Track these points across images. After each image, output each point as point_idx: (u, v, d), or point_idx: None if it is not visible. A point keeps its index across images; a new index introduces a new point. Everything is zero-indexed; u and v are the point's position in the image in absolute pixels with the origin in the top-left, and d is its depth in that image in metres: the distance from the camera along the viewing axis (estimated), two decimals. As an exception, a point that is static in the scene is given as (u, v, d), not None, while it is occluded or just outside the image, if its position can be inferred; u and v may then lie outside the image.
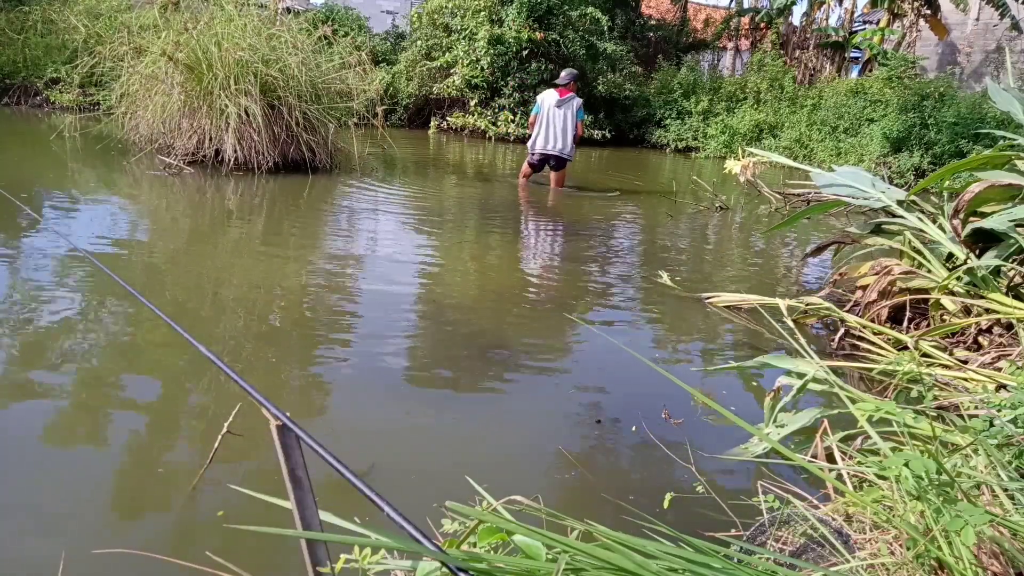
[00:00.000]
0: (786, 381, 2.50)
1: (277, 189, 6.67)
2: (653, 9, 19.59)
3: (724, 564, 1.04)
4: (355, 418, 2.51)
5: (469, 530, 1.14)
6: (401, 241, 5.28)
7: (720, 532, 1.78)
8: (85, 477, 2.02)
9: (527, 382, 2.91)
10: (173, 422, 2.39)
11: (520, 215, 6.79)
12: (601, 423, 2.58)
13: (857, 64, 17.79)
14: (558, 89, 7.43)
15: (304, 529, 0.99)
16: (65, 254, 4.00)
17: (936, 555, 1.25)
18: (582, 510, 1.61)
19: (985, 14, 15.65)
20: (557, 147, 7.40)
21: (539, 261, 5.14)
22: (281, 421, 0.94)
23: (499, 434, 2.48)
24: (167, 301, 3.46)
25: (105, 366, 2.75)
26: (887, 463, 1.37)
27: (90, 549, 1.66)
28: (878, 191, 3.93)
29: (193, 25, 7.03)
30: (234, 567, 1.42)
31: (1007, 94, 4.06)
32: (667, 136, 14.00)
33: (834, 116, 12.59)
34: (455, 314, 3.63)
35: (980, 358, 2.80)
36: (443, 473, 2.14)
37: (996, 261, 3.24)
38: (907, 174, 10.67)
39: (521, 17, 12.47)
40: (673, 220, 6.88)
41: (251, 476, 2.06)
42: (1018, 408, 1.76)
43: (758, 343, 3.45)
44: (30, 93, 11.30)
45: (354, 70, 7.95)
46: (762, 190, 7.01)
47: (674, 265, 5.01)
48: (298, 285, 3.90)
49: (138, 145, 7.32)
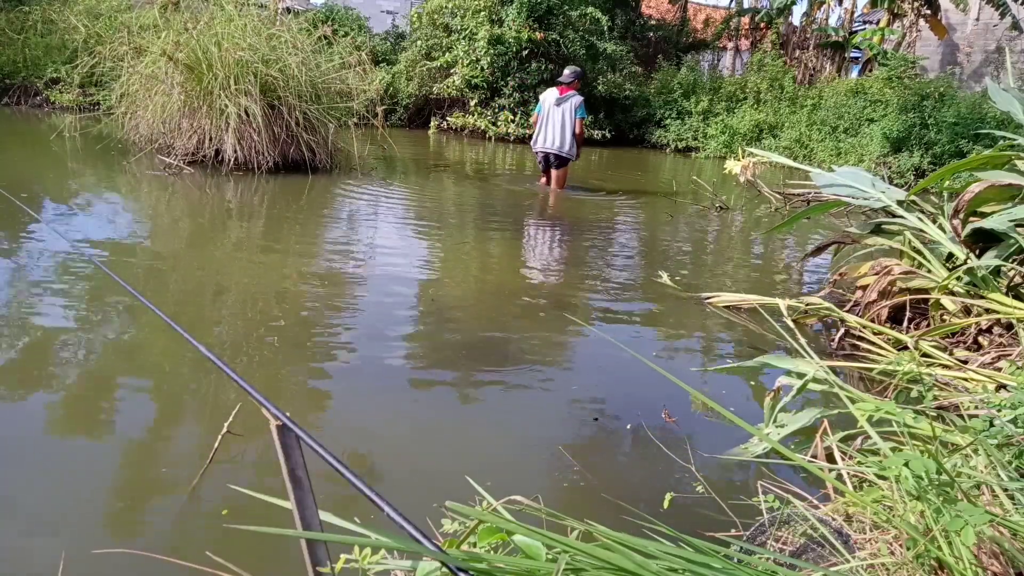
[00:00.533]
0: (786, 381, 2.51)
1: (277, 189, 6.67)
2: (653, 9, 19.59)
3: (724, 564, 1.04)
4: (355, 418, 2.51)
5: (469, 530, 1.14)
6: (401, 241, 5.28)
7: (720, 532, 1.78)
8: (85, 477, 2.02)
9: (527, 382, 2.90)
10: (173, 422, 2.39)
11: (520, 215, 6.79)
12: (598, 420, 2.58)
13: (857, 64, 17.78)
14: (559, 87, 7.41)
15: (304, 529, 0.99)
16: (65, 254, 4.00)
17: (936, 555, 1.25)
18: (582, 510, 1.61)
19: (985, 14, 15.65)
20: (555, 145, 7.35)
21: (539, 261, 5.14)
22: (281, 421, 0.94)
23: (499, 434, 2.48)
24: (167, 301, 3.46)
25: (105, 366, 2.75)
26: (887, 463, 1.37)
27: (90, 549, 1.66)
28: (878, 191, 3.93)
29: (193, 25, 7.03)
30: (234, 567, 1.42)
31: (1007, 94, 4.06)
32: (667, 136, 14.00)
33: (834, 116, 12.59)
34: (455, 314, 3.63)
35: (980, 358, 2.80)
36: (443, 473, 2.14)
37: (996, 261, 3.24)
38: (907, 174, 10.67)
39: (521, 17, 12.47)
40: (673, 220, 6.88)
41: (251, 476, 2.06)
42: (1018, 408, 1.76)
43: (758, 343, 3.45)
44: (30, 93, 11.30)
45: (354, 70, 7.95)
46: (762, 190, 7.00)
47: (674, 265, 5.01)
48: (298, 285, 3.90)
49: (138, 145, 7.32)
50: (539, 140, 7.44)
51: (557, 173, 7.57)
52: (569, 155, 7.45)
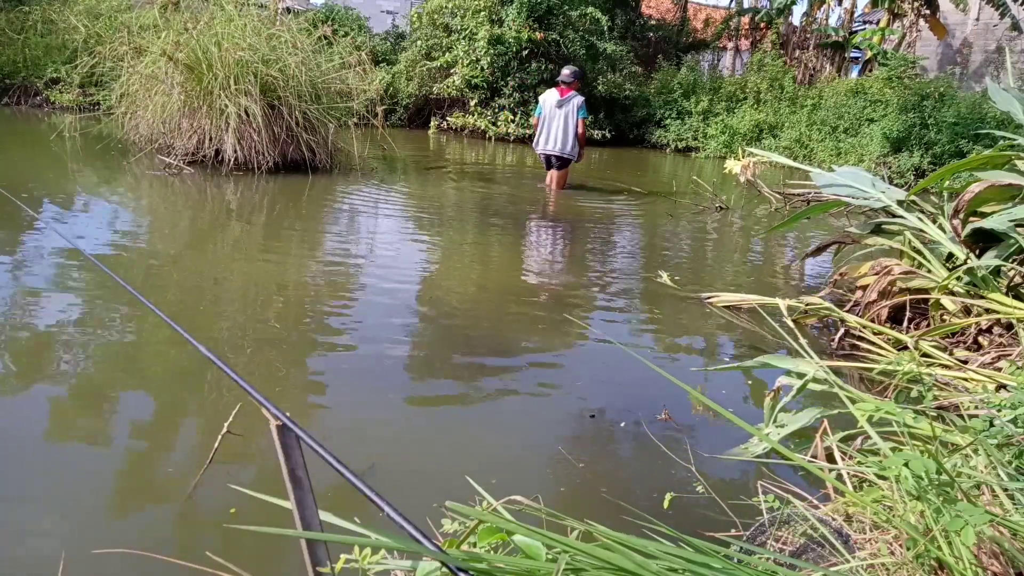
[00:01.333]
0: (786, 381, 2.51)
1: (277, 189, 6.67)
2: (653, 9, 19.58)
3: (724, 564, 1.04)
4: (355, 418, 2.51)
5: (469, 530, 1.14)
6: (401, 241, 5.28)
7: (720, 532, 1.78)
8: (85, 477, 2.02)
9: (527, 382, 2.90)
10: (173, 422, 2.39)
11: (520, 215, 6.79)
12: (595, 418, 2.58)
13: (857, 64, 17.78)
14: (559, 88, 7.41)
15: (304, 529, 0.99)
16: (65, 254, 4.00)
17: (936, 555, 1.25)
18: (582, 510, 1.61)
19: (985, 14, 15.64)
20: (557, 147, 7.38)
21: (539, 261, 5.14)
22: (281, 421, 0.94)
23: (499, 434, 2.48)
24: (167, 301, 3.46)
25: (105, 366, 2.75)
26: (887, 463, 1.37)
27: (90, 549, 1.66)
28: (878, 191, 3.93)
29: (193, 25, 7.03)
30: (234, 567, 1.42)
31: (1007, 94, 4.06)
32: (667, 136, 13.99)
33: (834, 116, 12.58)
34: (455, 314, 3.63)
35: (980, 358, 2.80)
36: (443, 473, 2.14)
37: (996, 261, 3.24)
38: (907, 174, 10.66)
39: (521, 17, 12.46)
40: (673, 220, 6.88)
41: (251, 476, 2.06)
42: (1018, 408, 1.76)
43: (758, 343, 3.45)
44: (30, 93, 11.30)
45: (354, 70, 7.94)
46: (762, 190, 7.01)
47: (674, 265, 5.01)
48: (298, 285, 3.90)
49: (138, 145, 7.32)
50: (541, 142, 7.47)
51: (558, 174, 7.58)
52: (571, 156, 7.48)
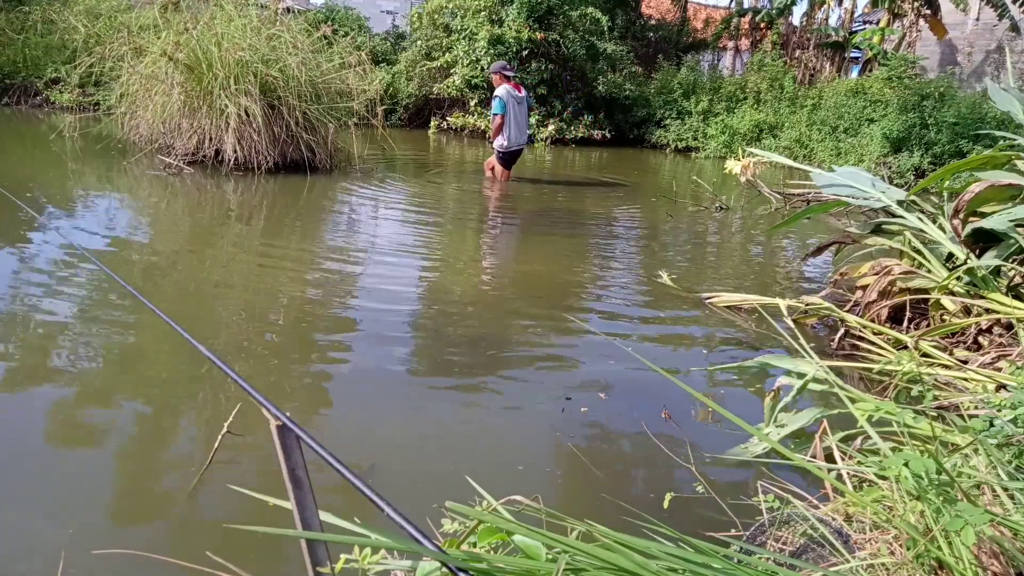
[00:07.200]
0: (786, 381, 2.51)
1: (277, 189, 6.67)
2: (653, 9, 19.58)
3: (724, 564, 1.04)
4: (355, 418, 2.51)
5: (469, 530, 1.14)
6: (400, 241, 5.28)
7: (720, 532, 1.78)
8: (85, 477, 2.02)
9: (527, 382, 2.90)
10: (173, 422, 2.39)
11: (520, 215, 6.79)
12: (587, 410, 2.59)
13: (857, 64, 17.77)
14: (512, 83, 8.00)
15: (304, 529, 0.99)
16: (65, 254, 4.00)
17: (936, 555, 1.25)
18: (582, 510, 1.61)
19: (985, 14, 15.63)
20: (525, 139, 8.10)
21: (538, 260, 5.14)
22: (281, 421, 0.94)
23: (499, 434, 2.48)
24: (167, 301, 3.46)
25: (105, 366, 2.75)
26: (887, 463, 1.37)
27: (90, 549, 1.66)
28: (878, 191, 3.93)
29: (193, 25, 7.03)
30: (234, 567, 1.42)
31: (1007, 94, 4.06)
32: (667, 136, 13.98)
33: (834, 116, 12.58)
34: (455, 314, 3.63)
35: (980, 358, 2.79)
36: (443, 473, 2.14)
37: (996, 261, 3.24)
38: (907, 174, 10.66)
39: (521, 17, 12.46)
40: (673, 220, 6.88)
41: (251, 476, 2.06)
42: (1018, 408, 1.76)
43: (758, 343, 3.45)
44: (30, 93, 11.31)
45: (354, 70, 7.95)
46: (762, 190, 7.00)
47: (674, 265, 5.01)
48: (298, 285, 3.90)
49: (138, 145, 7.32)
50: (513, 135, 7.90)
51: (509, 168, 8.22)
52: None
